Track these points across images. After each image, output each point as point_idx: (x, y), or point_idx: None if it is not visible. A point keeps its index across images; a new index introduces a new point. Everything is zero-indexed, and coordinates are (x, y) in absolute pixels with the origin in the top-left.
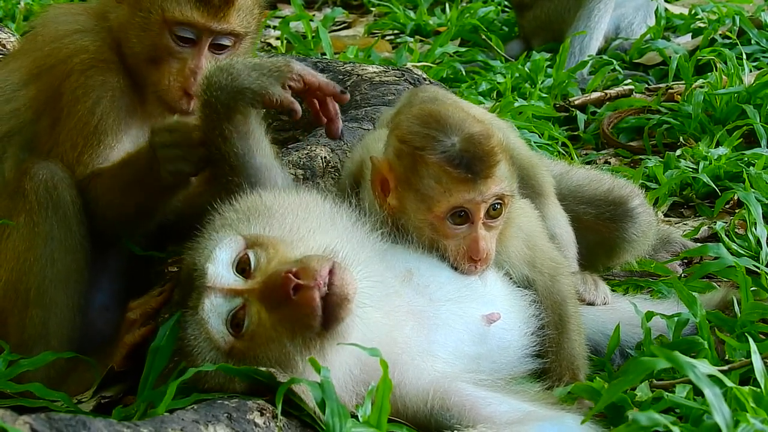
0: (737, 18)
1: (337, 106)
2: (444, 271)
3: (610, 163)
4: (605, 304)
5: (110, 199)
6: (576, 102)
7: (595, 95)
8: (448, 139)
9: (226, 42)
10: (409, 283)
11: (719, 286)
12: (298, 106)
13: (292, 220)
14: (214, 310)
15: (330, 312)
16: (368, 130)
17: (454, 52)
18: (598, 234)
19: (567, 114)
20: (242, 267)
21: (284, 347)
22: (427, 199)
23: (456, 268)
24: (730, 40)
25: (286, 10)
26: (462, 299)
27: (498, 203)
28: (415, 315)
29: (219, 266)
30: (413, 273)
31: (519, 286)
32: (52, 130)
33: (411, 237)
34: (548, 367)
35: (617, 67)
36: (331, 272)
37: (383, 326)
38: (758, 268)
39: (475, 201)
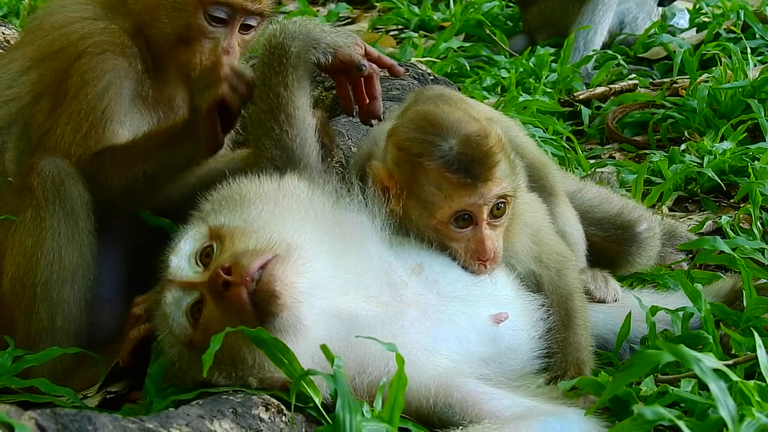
0: (742, 12)
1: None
2: (455, 269)
3: (614, 158)
4: (616, 301)
5: (122, 170)
6: (580, 97)
7: (599, 90)
8: (445, 142)
9: (253, 22)
10: (418, 275)
11: (725, 276)
12: (367, 62)
13: (256, 209)
14: (174, 303)
15: (260, 308)
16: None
17: (458, 47)
18: (603, 253)
19: (571, 109)
20: (204, 258)
21: (232, 339)
22: (429, 205)
23: (465, 268)
24: (735, 35)
25: (291, 6)
26: (471, 298)
27: (501, 203)
28: (420, 307)
29: (181, 259)
30: (424, 267)
31: (525, 282)
32: (51, 112)
33: (421, 234)
34: (554, 361)
35: (622, 62)
36: (263, 267)
37: (381, 316)
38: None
39: (477, 204)
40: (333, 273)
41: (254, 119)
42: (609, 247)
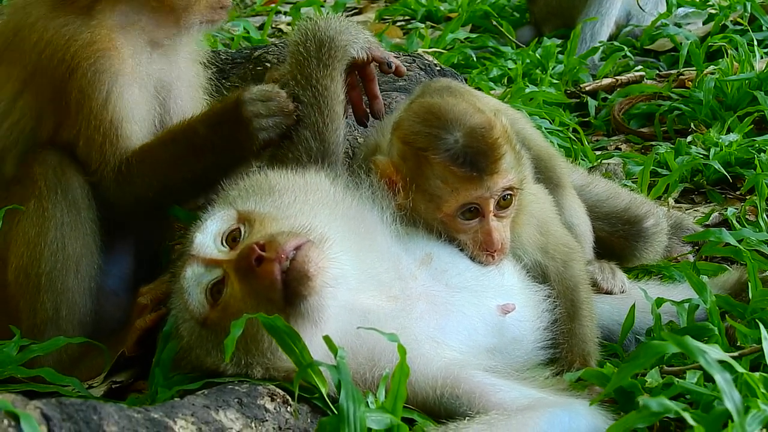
0: (748, 4)
1: None
2: (463, 260)
3: (621, 150)
4: (623, 292)
5: (160, 173)
6: (587, 88)
7: (606, 81)
8: (450, 135)
9: None
10: (427, 266)
11: (731, 268)
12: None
13: (288, 199)
14: (194, 279)
15: (291, 288)
16: None
17: (465, 38)
18: (610, 247)
19: (578, 100)
20: (231, 240)
21: (250, 322)
22: (435, 198)
23: (474, 259)
24: (742, 27)
25: None
26: (478, 288)
27: (508, 194)
28: (429, 299)
29: (207, 237)
30: (432, 257)
31: (532, 273)
32: (56, 132)
33: (429, 226)
34: (559, 353)
35: (628, 54)
36: (297, 248)
37: (391, 311)
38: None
39: (483, 197)
40: (355, 268)
41: None
42: (616, 242)
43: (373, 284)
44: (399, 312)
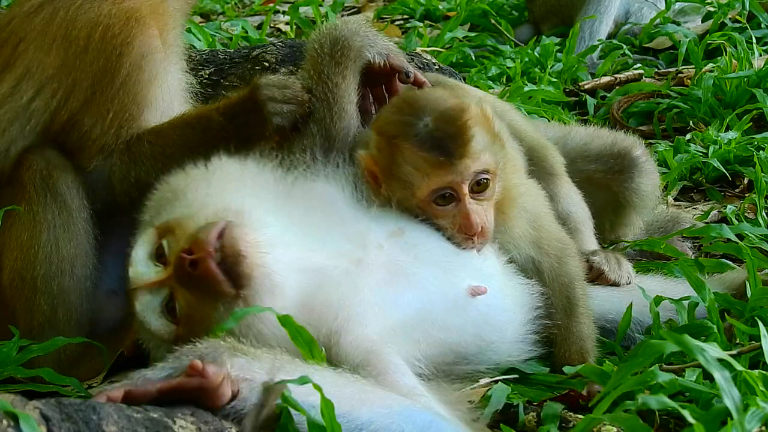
0: (747, 2)
1: None
2: (439, 239)
3: None
4: (629, 283)
5: (168, 156)
6: (586, 86)
7: (604, 80)
8: (420, 121)
9: None
10: (397, 239)
11: (736, 266)
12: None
13: (191, 194)
14: (147, 308)
15: (233, 273)
16: None
17: (463, 37)
18: (608, 190)
19: (577, 98)
20: (159, 257)
21: (215, 320)
22: (408, 185)
23: (452, 242)
24: (740, 24)
25: None
26: (449, 266)
27: (483, 178)
28: (391, 269)
29: (138, 265)
30: (405, 231)
31: (525, 269)
32: (78, 112)
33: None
34: (557, 351)
35: (627, 52)
36: (221, 235)
37: (345, 269)
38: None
39: (455, 181)
40: (288, 228)
41: None
42: (612, 179)
43: (326, 246)
44: (355, 274)
